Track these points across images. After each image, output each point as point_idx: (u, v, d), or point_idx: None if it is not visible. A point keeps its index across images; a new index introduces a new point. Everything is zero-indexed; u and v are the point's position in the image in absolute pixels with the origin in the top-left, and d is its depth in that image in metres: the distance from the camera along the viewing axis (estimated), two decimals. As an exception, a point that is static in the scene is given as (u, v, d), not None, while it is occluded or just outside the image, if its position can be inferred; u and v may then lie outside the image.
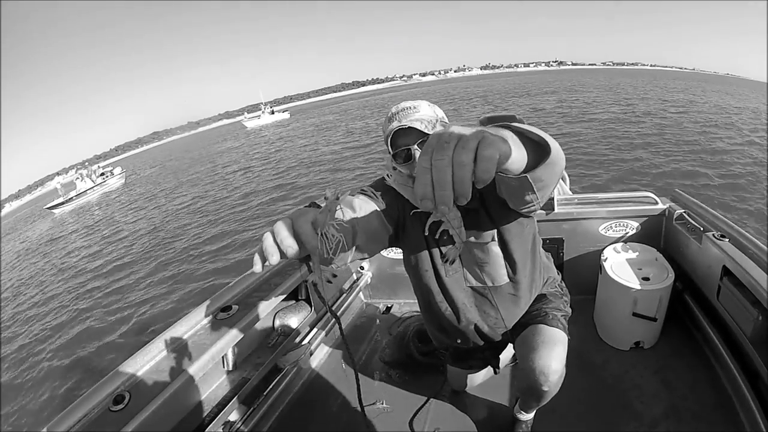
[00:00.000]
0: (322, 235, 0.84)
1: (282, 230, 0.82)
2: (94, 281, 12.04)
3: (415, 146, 1.41)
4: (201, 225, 14.58)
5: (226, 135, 75.72)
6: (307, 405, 2.36)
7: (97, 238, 18.11)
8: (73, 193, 36.84)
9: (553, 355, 1.49)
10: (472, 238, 1.55)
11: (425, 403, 2.17)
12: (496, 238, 1.53)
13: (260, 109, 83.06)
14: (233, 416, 2.04)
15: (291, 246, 0.81)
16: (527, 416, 1.87)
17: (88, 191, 37.47)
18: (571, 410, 2.01)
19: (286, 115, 78.02)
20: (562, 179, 3.67)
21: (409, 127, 1.40)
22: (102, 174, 41.55)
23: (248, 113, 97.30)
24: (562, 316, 1.66)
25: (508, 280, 1.60)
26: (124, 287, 10.55)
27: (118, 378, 1.65)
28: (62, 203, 35.64)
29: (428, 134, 1.38)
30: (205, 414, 1.96)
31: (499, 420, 1.98)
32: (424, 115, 1.43)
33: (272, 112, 78.58)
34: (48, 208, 36.45)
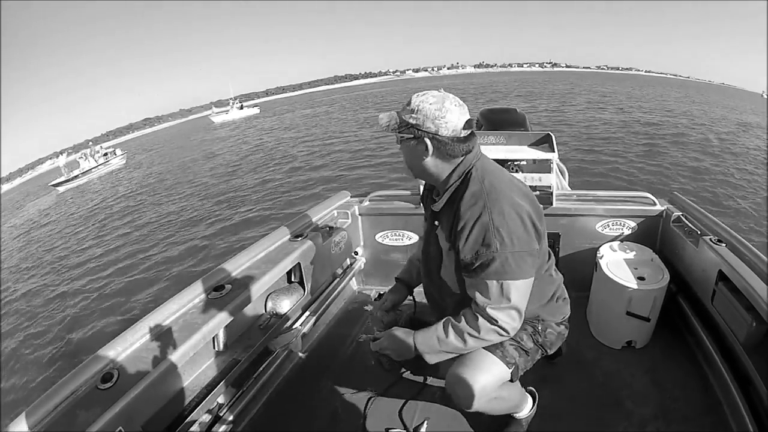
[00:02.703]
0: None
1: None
2: (94, 257, 12.11)
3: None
4: (201, 205, 14.78)
5: (194, 128, 74.98)
6: (297, 389, 2.34)
7: (100, 215, 18.21)
8: (77, 172, 37.31)
9: (465, 378, 1.47)
10: (439, 232, 1.56)
11: (416, 393, 2.16)
12: (453, 252, 1.49)
13: (229, 104, 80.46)
14: (222, 398, 2.02)
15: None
16: (522, 414, 1.84)
17: (93, 170, 38.03)
18: (560, 406, 2.01)
19: (256, 110, 76.23)
20: (561, 174, 3.69)
21: None
22: (105, 154, 42.25)
23: (215, 108, 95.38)
24: (511, 345, 1.55)
25: (460, 292, 1.53)
26: (127, 266, 10.57)
27: (106, 356, 1.63)
28: (66, 181, 36.08)
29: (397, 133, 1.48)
30: (194, 395, 1.93)
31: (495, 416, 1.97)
32: (403, 115, 1.45)
33: (241, 107, 76.23)
34: (52, 185, 36.95)
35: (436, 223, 1.57)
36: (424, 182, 1.88)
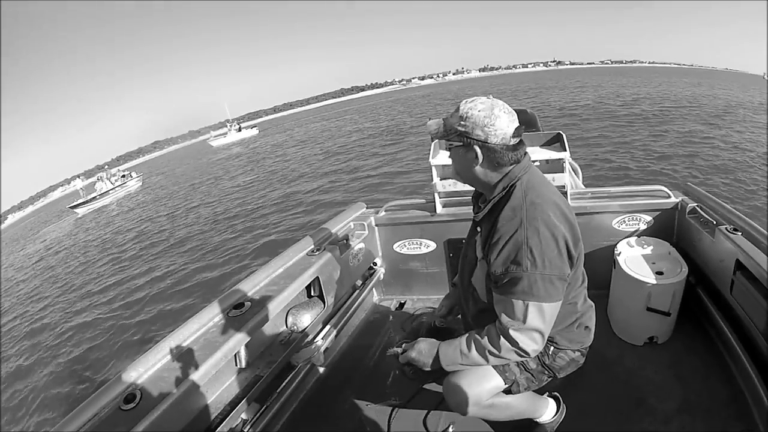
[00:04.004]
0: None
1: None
2: (116, 280, 12.26)
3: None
4: (218, 225, 14.87)
5: (202, 150, 75.44)
6: (320, 403, 2.35)
7: (120, 238, 18.49)
8: (95, 194, 38.46)
9: (458, 386, 1.51)
10: (478, 238, 1.57)
11: (439, 402, 2.15)
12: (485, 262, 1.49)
13: (227, 126, 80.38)
14: (246, 414, 2.03)
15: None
16: (544, 418, 1.84)
17: (110, 192, 39.08)
18: (584, 405, 2.00)
19: (254, 132, 76.40)
20: (575, 172, 3.67)
21: None
22: (123, 176, 43.63)
23: (213, 131, 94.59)
24: (516, 364, 1.56)
25: (486, 303, 1.55)
26: (148, 287, 10.69)
27: (129, 377, 1.66)
28: (84, 203, 37.17)
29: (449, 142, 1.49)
30: (217, 412, 1.95)
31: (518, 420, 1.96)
32: (451, 121, 1.45)
33: (239, 129, 76.50)
34: (71, 207, 38.14)
35: (478, 229, 1.58)
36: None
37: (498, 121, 1.37)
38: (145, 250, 14.56)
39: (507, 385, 1.55)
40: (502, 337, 1.37)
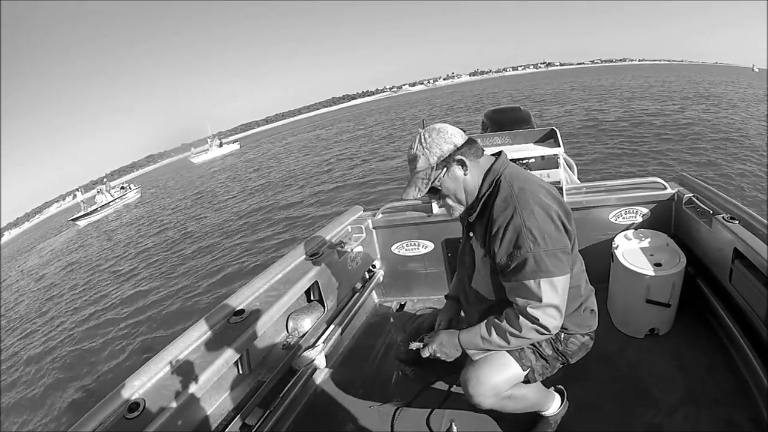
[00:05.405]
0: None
1: None
2: (116, 288, 12.39)
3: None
4: (219, 233, 14.85)
5: (185, 167, 75.03)
6: (324, 406, 2.34)
7: (122, 246, 18.79)
8: (95, 206, 38.99)
9: (477, 377, 1.52)
10: (474, 241, 1.64)
11: (443, 401, 2.16)
12: (489, 258, 1.53)
13: (207, 142, 79.48)
14: (250, 419, 2.02)
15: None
16: (550, 412, 1.83)
17: (110, 204, 39.37)
18: (588, 399, 1.99)
19: (236, 147, 76.07)
20: (570, 168, 3.69)
21: None
22: (123, 187, 44.33)
23: (194, 149, 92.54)
24: (529, 348, 1.58)
25: (493, 300, 1.59)
26: (152, 296, 10.69)
27: (132, 386, 1.66)
28: (85, 215, 37.61)
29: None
30: (221, 418, 1.94)
31: (521, 414, 1.95)
32: (420, 169, 1.49)
33: (220, 145, 76.08)
34: (71, 220, 38.79)
35: (471, 234, 1.64)
36: None
37: (446, 128, 1.49)
38: (146, 260, 14.58)
39: (525, 373, 1.56)
40: (521, 316, 1.40)
